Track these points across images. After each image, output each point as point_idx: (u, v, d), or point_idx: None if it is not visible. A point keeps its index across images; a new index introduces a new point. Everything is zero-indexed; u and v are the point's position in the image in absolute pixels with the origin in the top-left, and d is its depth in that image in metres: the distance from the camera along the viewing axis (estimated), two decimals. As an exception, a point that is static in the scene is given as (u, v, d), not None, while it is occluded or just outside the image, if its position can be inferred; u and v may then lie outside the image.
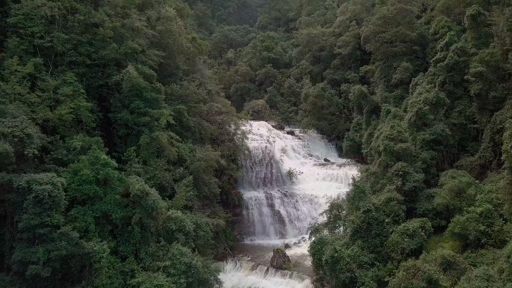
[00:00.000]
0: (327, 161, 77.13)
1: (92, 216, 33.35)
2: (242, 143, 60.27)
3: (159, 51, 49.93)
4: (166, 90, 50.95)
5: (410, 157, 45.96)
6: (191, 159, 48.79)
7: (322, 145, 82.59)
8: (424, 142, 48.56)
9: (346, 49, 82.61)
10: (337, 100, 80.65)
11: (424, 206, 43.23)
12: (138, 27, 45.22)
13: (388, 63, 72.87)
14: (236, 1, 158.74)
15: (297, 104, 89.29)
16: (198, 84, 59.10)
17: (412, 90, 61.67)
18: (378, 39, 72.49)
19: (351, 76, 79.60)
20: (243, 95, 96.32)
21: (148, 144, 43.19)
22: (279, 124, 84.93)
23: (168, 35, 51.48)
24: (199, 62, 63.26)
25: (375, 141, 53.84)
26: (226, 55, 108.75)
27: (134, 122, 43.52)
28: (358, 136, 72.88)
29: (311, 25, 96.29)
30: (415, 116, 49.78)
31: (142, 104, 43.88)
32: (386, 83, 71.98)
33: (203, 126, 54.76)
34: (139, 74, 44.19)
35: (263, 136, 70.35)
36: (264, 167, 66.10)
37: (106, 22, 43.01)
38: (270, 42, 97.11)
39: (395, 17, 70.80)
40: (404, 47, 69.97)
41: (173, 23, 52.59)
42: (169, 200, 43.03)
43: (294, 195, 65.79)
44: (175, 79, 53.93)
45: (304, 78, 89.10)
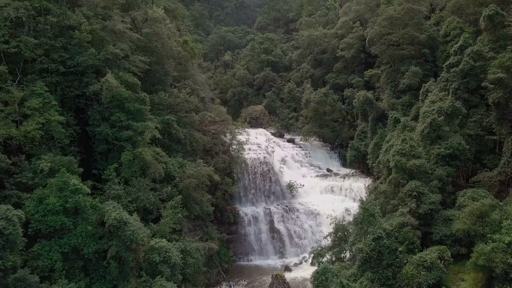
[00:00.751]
0: (330, 172, 72.33)
1: (59, 252, 28.60)
2: (238, 155, 55.46)
3: (146, 56, 45.22)
4: (154, 99, 46.28)
5: (424, 174, 41.17)
6: (180, 175, 44.03)
7: (324, 154, 77.78)
8: (439, 157, 43.74)
9: (350, 52, 77.77)
10: (340, 106, 75.83)
11: (441, 231, 38.40)
12: (120, 30, 40.39)
13: (395, 67, 68.03)
14: (234, 1, 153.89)
15: (298, 109, 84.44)
16: (190, 91, 54.39)
17: (422, 97, 56.82)
18: (384, 41, 67.66)
19: (355, 80, 74.76)
20: (241, 100, 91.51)
21: (130, 162, 38.41)
22: (279, 131, 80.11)
23: (156, 39, 46.74)
24: (191, 67, 58.44)
25: (384, 154, 49.05)
26: (223, 57, 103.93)
27: (115, 137, 38.76)
28: (363, 145, 68.07)
29: (312, 26, 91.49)
30: (429, 128, 44.96)
31: (124, 117, 39.14)
32: (393, 88, 67.13)
33: (195, 138, 49.99)
34: (121, 82, 39.47)
35: (261, 146, 65.54)
36: (263, 180, 61.30)
37: (83, 25, 38.20)
38: (269, 44, 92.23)
39: (403, 17, 65.96)
40: (412, 50, 65.14)
41: (161, 25, 47.83)
42: (154, 225, 38.31)
43: (294, 210, 61.01)
44: (164, 86, 49.21)
45: (305, 83, 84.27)
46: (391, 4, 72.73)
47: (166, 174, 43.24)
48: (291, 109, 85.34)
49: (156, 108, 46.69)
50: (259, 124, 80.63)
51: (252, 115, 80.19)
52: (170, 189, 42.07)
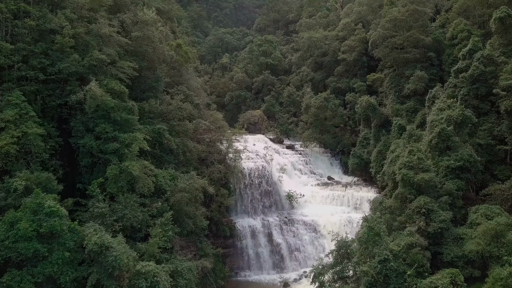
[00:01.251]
0: (331, 180, 69.45)
1: (32, 282, 25.73)
2: (235, 165, 52.56)
3: (135, 62, 42.34)
4: (144, 107, 43.44)
5: (433, 189, 38.29)
6: (172, 189, 41.16)
7: (325, 161, 74.84)
8: (448, 169, 40.88)
9: (352, 55, 74.91)
10: (341, 112, 72.95)
11: (452, 252, 35.54)
12: (107, 34, 37.53)
13: (399, 71, 65.21)
14: (233, 2, 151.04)
15: (298, 114, 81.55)
16: (184, 97, 51.54)
17: (428, 103, 54.02)
18: (387, 44, 64.86)
19: (357, 85, 71.86)
20: (239, 104, 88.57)
21: (116, 177, 35.54)
22: (278, 137, 77.20)
23: (147, 43, 43.88)
24: (186, 72, 55.57)
25: (389, 165, 46.17)
26: (221, 60, 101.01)
27: (100, 149, 35.91)
28: (366, 153, 65.21)
29: (313, 27, 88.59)
30: (437, 138, 42.10)
31: (110, 128, 36.29)
32: (397, 93, 64.32)
33: (188, 147, 47.11)
34: (107, 91, 36.63)
35: (259, 154, 62.63)
36: (261, 191, 58.38)
37: (65, 29, 35.33)
38: (268, 46, 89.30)
39: (407, 19, 63.16)
40: (417, 53, 62.33)
41: (152, 28, 44.98)
42: (142, 244, 35.42)
43: (294, 222, 58.09)
44: (155, 93, 46.33)
45: (305, 86, 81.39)
46: (394, 5, 69.93)
47: (156, 188, 40.40)
48: (291, 113, 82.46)
49: (146, 116, 43.87)
50: (258, 130, 77.76)
51: (250, 120, 77.31)
52: (160, 204, 39.21)
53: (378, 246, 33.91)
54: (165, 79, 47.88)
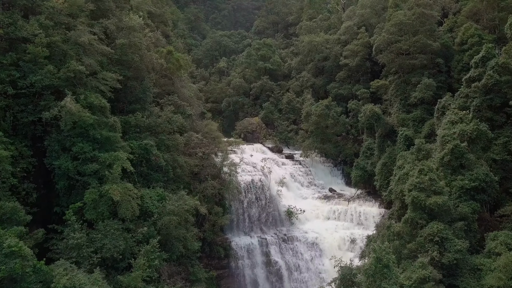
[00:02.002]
0: (333, 192, 65.87)
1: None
2: (230, 180, 48.94)
3: (120, 72, 38.81)
4: (130, 121, 39.89)
5: (447, 213, 34.66)
6: (159, 211, 37.65)
7: (326, 171, 71.26)
8: (462, 190, 37.26)
9: (354, 60, 71.29)
10: (343, 120, 69.33)
11: (469, 285, 31.95)
12: (86, 42, 33.92)
13: (405, 78, 61.54)
14: (231, 3, 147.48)
15: (298, 122, 77.98)
16: (175, 108, 48.03)
17: (438, 114, 50.37)
18: (392, 49, 61.21)
19: (361, 92, 68.24)
20: (236, 110, 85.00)
21: (95, 202, 32.03)
22: (277, 146, 73.61)
23: (133, 50, 40.29)
24: (178, 80, 51.99)
25: (397, 183, 42.52)
26: (218, 64, 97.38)
27: (77, 171, 32.38)
28: (369, 164, 61.56)
29: (313, 31, 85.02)
30: (450, 155, 38.45)
31: (89, 147, 32.76)
32: (402, 101, 60.66)
33: (179, 163, 43.55)
34: (86, 105, 33.09)
35: (256, 166, 59.02)
36: (258, 206, 54.76)
37: (38, 37, 31.75)
38: (266, 50, 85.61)
39: (413, 23, 59.52)
40: (424, 59, 58.68)
41: (139, 35, 41.40)
42: (123, 278, 31.80)
43: (294, 240, 54.51)
44: (143, 104, 42.76)
45: (306, 93, 77.79)
46: (399, 8, 66.33)
47: (142, 210, 36.93)
48: (290, 121, 78.83)
49: (133, 131, 40.33)
50: (256, 138, 74.19)
51: (248, 129, 73.72)
52: (146, 229, 35.68)
53: (387, 279, 30.32)
54: (154, 90, 44.22)
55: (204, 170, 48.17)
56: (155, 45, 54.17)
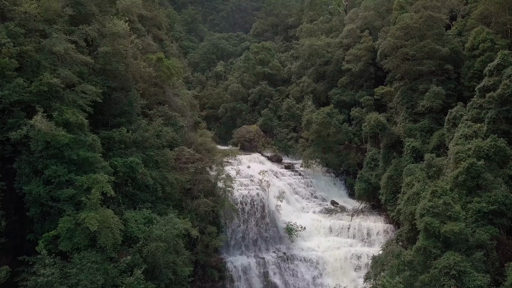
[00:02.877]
0: (335, 205, 62.37)
1: None
2: (224, 198, 45.48)
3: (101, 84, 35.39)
4: (114, 136, 36.39)
5: (464, 242, 31.18)
6: (146, 235, 34.24)
7: (328, 182, 67.74)
8: (479, 214, 33.75)
9: (357, 65, 67.77)
10: (346, 128, 65.86)
11: (490, 326, 28.51)
12: (61, 52, 30.43)
13: (411, 85, 58.01)
14: (230, 4, 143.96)
15: (298, 129, 74.47)
16: (166, 119, 44.65)
17: (448, 125, 46.91)
18: (398, 54, 57.70)
19: (364, 99, 64.72)
20: (234, 117, 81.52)
21: (71, 231, 28.56)
22: (276, 155, 70.07)
23: (117, 59, 36.81)
24: (169, 89, 48.54)
25: (405, 204, 39.03)
26: (215, 68, 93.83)
27: (50, 196, 28.92)
28: (374, 176, 58.08)
29: (314, 33, 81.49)
30: (466, 174, 34.93)
31: (64, 169, 29.30)
32: (409, 110, 57.14)
33: (168, 181, 40.07)
34: (61, 122, 29.64)
35: (254, 179, 55.49)
36: (255, 223, 51.27)
37: (5, 46, 28.27)
38: (265, 54, 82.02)
39: (421, 27, 55.99)
40: (432, 65, 55.12)
41: (124, 42, 37.92)
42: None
43: (294, 258, 51.04)
44: (129, 117, 39.27)
45: (306, 99, 74.30)
46: (404, 10, 62.90)
47: (126, 236, 33.54)
48: (290, 128, 75.27)
49: (117, 147, 36.85)
50: (253, 147, 70.69)
51: (246, 137, 70.20)
52: (130, 258, 32.26)
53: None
54: (142, 101, 40.72)
55: (196, 186, 44.79)
56: (146, 50, 50.76)
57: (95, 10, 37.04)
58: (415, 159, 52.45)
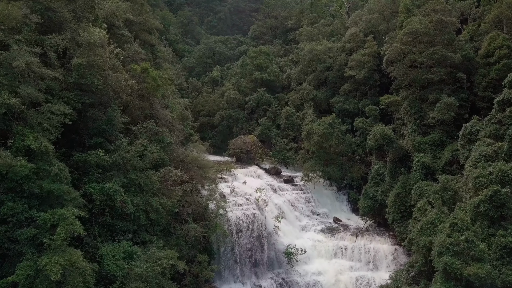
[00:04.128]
0: (338, 222, 58.16)
1: None
2: (216, 223, 41.26)
3: (75, 100, 31.24)
4: (89, 160, 32.15)
5: (491, 286, 26.92)
6: (125, 273, 30.10)
7: (330, 196, 63.48)
8: (505, 250, 29.50)
9: (361, 72, 63.50)
10: (349, 140, 61.62)
11: None
12: (20, 67, 26.20)
13: (420, 94, 53.79)
14: (228, 6, 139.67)
15: (298, 139, 70.20)
16: (152, 135, 40.47)
17: (463, 141, 42.71)
18: (406, 61, 53.48)
19: (369, 108, 60.48)
20: (231, 125, 77.30)
21: (31, 279, 24.34)
22: (275, 167, 65.83)
23: (93, 72, 32.59)
24: (156, 101, 44.30)
25: (419, 234, 34.76)
26: (211, 73, 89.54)
27: (7, 238, 24.71)
28: (380, 193, 53.79)
29: (315, 37, 77.22)
30: (488, 203, 30.69)
31: (23, 205, 25.16)
32: (417, 121, 52.95)
33: (153, 207, 35.87)
34: (22, 149, 25.46)
35: (250, 197, 51.23)
36: (252, 246, 46.99)
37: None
38: (263, 59, 77.67)
39: (430, 32, 51.76)
40: (443, 73, 50.89)
41: (102, 51, 33.68)
42: None
43: (294, 285, 47.09)
44: (108, 137, 35.06)
45: (306, 107, 70.04)
46: (411, 13, 58.67)
47: (102, 274, 29.43)
48: (290, 138, 71.00)
49: (93, 171, 32.65)
50: (251, 159, 66.44)
51: (242, 148, 65.94)
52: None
53: None
54: (123, 118, 36.43)
55: (185, 209, 40.61)
56: (132, 59, 46.61)
57: (68, 17, 32.79)
58: (425, 175, 48.30)
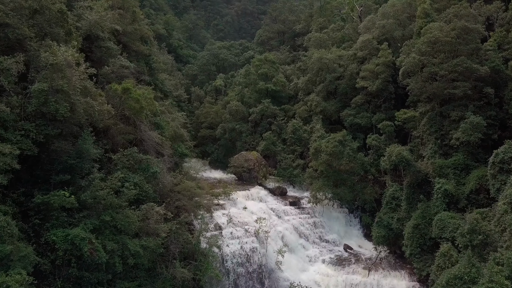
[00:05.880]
0: (349, 250, 52.66)
1: None
2: (207, 265, 36.15)
3: (35, 132, 26.53)
4: (52, 202, 27.35)
5: None
6: None
7: (340, 220, 57.85)
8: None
9: (374, 83, 57.74)
10: (361, 158, 55.98)
11: None
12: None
13: (441, 110, 47.91)
14: (235, 8, 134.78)
15: (305, 155, 64.78)
16: (137, 162, 35.60)
17: (494, 170, 36.90)
18: (425, 74, 47.63)
19: (383, 124, 54.72)
20: (234, 139, 72.23)
21: None
22: (279, 187, 60.50)
23: (57, 98, 27.77)
24: (142, 124, 39.38)
25: None
26: (214, 82, 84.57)
27: None
28: (395, 221, 48.12)
29: (323, 44, 71.68)
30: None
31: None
32: (438, 141, 47.05)
33: (131, 252, 30.96)
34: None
35: (249, 228, 45.93)
36: (250, 285, 41.85)
37: None
38: (268, 68, 72.34)
39: (453, 41, 45.84)
40: (468, 88, 44.92)
41: (71, 73, 28.84)
42: None
43: (297, 328, 41.50)
44: (79, 172, 30.24)
45: (315, 120, 64.56)
46: (430, 18, 52.87)
47: None
48: (297, 154, 65.56)
49: (56, 216, 27.87)
50: (253, 178, 61.19)
51: (244, 167, 60.70)
52: None
53: None
54: (96, 150, 31.52)
55: (172, 250, 35.65)
56: (117, 75, 41.84)
57: (28, 34, 28.03)
58: (447, 205, 42.57)
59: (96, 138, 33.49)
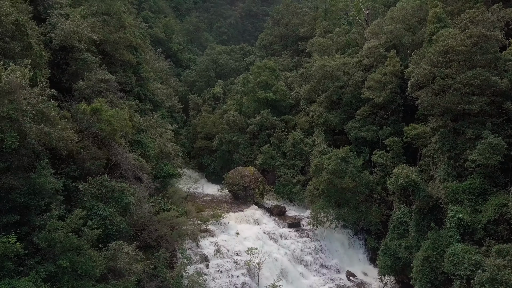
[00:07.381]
0: (352, 278, 48.16)
1: None
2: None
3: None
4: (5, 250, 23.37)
5: None
6: None
7: (343, 243, 53.26)
8: None
9: (381, 94, 52.92)
10: (366, 177, 51.31)
11: None
12: None
13: (455, 126, 43.06)
14: (238, 10, 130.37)
15: (306, 170, 60.23)
16: (109, 191, 31.61)
17: (516, 201, 32.06)
18: (436, 86, 42.81)
19: (390, 140, 49.94)
20: (231, 151, 67.96)
21: None
22: (278, 206, 56.07)
23: (3, 126, 23.78)
24: (120, 144, 35.30)
25: None
26: (212, 89, 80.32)
27: None
28: (403, 249, 43.45)
29: (327, 49, 66.93)
30: None
31: None
32: (451, 161, 42.20)
33: (95, 301, 26.90)
34: None
35: (240, 259, 41.57)
36: (239, 325, 37.67)
37: None
38: (268, 75, 67.79)
39: (469, 50, 40.94)
40: (485, 103, 40.03)
41: (21, 96, 24.80)
42: None
43: None
44: (32, 211, 26.20)
45: (317, 132, 60.02)
46: (443, 23, 48.02)
47: None
48: (297, 169, 61.01)
49: (7, 269, 23.87)
50: (249, 196, 56.78)
51: (239, 183, 56.29)
52: None
53: None
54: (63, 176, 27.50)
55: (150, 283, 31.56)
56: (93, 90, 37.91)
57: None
58: (462, 236, 37.86)
59: (60, 165, 29.61)
